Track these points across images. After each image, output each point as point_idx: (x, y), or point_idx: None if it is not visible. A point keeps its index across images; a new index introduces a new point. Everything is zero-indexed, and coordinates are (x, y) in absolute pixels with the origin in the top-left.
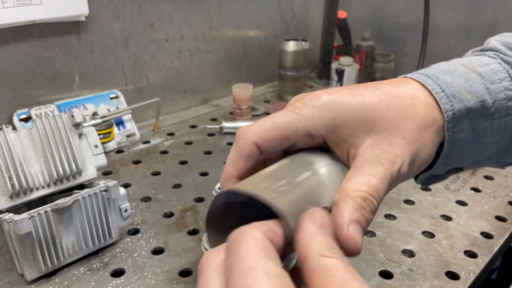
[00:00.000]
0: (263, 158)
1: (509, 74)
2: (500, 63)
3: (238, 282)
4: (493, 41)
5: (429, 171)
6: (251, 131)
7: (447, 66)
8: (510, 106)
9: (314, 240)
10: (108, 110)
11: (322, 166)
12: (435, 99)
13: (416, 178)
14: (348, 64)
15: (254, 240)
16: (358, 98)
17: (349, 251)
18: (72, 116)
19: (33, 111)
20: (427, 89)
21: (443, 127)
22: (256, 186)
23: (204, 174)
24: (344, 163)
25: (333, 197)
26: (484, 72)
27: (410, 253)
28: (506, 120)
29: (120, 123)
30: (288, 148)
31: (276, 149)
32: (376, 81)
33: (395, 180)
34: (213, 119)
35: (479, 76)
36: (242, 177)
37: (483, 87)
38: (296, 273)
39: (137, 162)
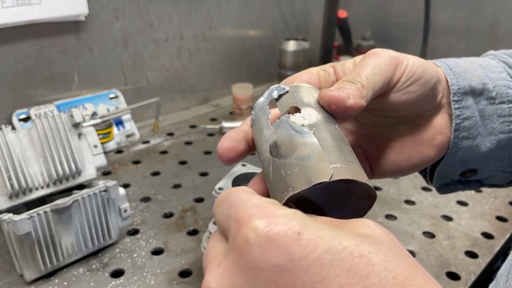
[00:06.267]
0: None
1: (505, 69)
2: (498, 62)
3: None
4: (491, 51)
5: (443, 163)
6: None
7: (452, 59)
8: (510, 93)
9: None
10: (108, 110)
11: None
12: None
13: (431, 178)
14: None
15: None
16: None
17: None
18: (72, 116)
19: (32, 111)
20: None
21: (450, 102)
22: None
23: (204, 174)
24: None
25: None
26: (484, 65)
27: (410, 254)
28: (509, 108)
29: (119, 123)
30: None
31: None
32: None
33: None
34: (213, 119)
35: (480, 66)
36: None
37: (484, 74)
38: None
39: (136, 162)
